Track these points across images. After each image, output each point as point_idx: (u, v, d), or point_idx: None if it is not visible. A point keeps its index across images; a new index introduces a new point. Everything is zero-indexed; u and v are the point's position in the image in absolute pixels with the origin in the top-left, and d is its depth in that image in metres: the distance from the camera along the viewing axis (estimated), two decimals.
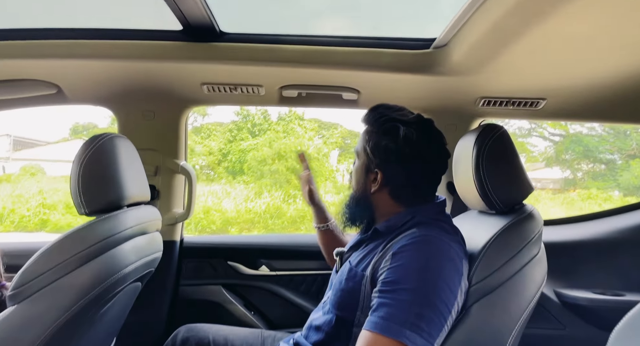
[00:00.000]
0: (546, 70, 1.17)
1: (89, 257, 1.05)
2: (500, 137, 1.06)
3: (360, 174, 1.10)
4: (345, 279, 1.03)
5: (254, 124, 13.99)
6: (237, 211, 9.37)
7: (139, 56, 1.31)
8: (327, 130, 15.95)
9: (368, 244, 1.08)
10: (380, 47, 1.27)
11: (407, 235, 0.96)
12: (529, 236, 0.99)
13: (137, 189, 1.26)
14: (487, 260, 0.96)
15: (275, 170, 10.72)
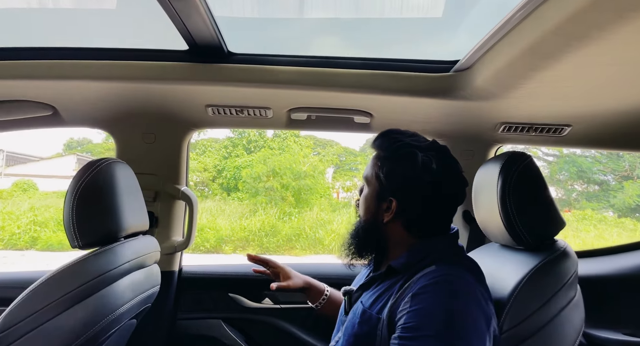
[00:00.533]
0: (574, 96, 1.11)
1: (81, 296, 0.96)
2: (529, 166, 0.98)
3: (370, 202, 1.01)
4: (358, 323, 0.94)
5: (249, 140, 14.00)
6: (232, 229, 9.24)
7: (140, 77, 1.23)
8: (323, 147, 15.99)
9: (381, 283, 0.98)
10: (396, 69, 1.21)
11: (427, 274, 0.87)
12: (565, 276, 0.91)
13: (136, 219, 1.17)
14: (520, 304, 0.87)
15: (270, 187, 10.63)
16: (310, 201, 10.66)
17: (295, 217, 9.87)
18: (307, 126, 1.50)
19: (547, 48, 0.85)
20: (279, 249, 8.90)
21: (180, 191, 1.53)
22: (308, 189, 10.73)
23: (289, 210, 10.16)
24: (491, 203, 1.01)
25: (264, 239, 9.04)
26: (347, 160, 15.46)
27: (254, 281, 1.60)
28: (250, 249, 8.79)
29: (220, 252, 8.71)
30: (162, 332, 1.53)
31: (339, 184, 12.10)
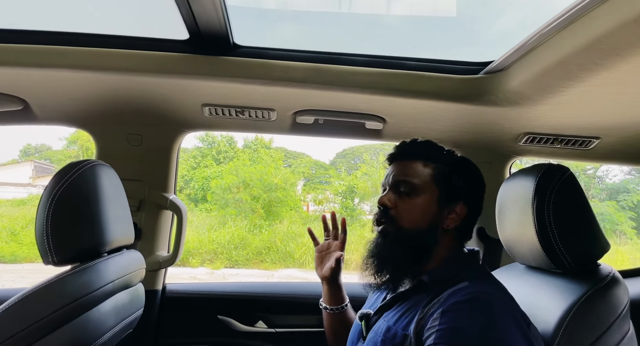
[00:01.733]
0: (607, 107, 1.05)
1: (57, 323, 0.80)
2: (570, 180, 0.90)
3: (429, 209, 0.92)
4: (381, 341, 0.83)
5: (219, 151, 13.69)
6: (199, 241, 8.90)
7: (128, 69, 1.08)
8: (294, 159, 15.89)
9: (406, 301, 0.88)
10: (417, 69, 1.11)
11: (460, 290, 0.78)
12: (618, 307, 0.81)
13: (121, 231, 1.01)
14: (570, 340, 0.77)
15: (240, 199, 10.37)
16: (280, 213, 10.47)
17: (265, 230, 9.64)
18: (313, 131, 1.38)
19: (587, 58, 0.79)
20: (249, 263, 8.64)
21: (169, 200, 1.36)
22: (279, 201, 10.55)
23: (259, 222, 9.92)
24: (523, 221, 0.92)
25: (233, 252, 8.75)
26: (318, 173, 15.41)
27: (246, 302, 1.45)
28: (219, 263, 8.48)
29: (187, 265, 8.36)
30: None
31: (310, 197, 11.96)
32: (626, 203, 10.66)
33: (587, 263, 0.88)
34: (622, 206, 10.60)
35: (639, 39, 0.70)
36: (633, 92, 0.93)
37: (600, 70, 0.82)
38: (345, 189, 11.29)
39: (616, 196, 11.16)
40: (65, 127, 1.38)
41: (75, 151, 10.52)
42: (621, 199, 10.85)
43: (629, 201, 10.68)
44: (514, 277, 1.03)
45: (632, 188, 11.64)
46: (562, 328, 0.78)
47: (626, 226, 10.15)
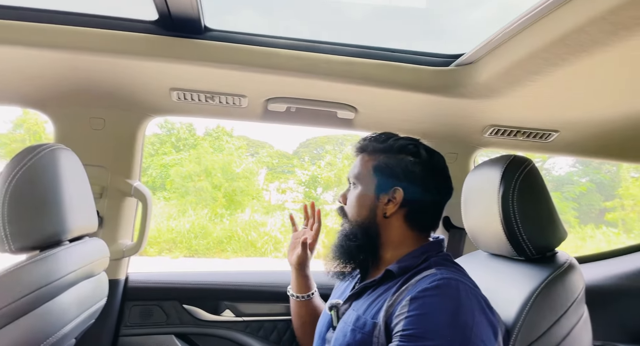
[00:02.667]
0: (567, 102, 1.10)
1: (15, 314, 0.76)
2: (533, 171, 0.94)
3: (367, 199, 0.96)
4: (351, 331, 0.84)
5: (178, 138, 13.27)
6: (158, 230, 8.66)
7: (90, 48, 1.02)
8: (255, 148, 15.68)
9: (375, 289, 0.90)
10: (389, 60, 1.12)
11: (427, 277, 0.80)
12: (575, 292, 0.87)
13: (83, 218, 0.97)
14: (531, 323, 0.81)
15: (202, 187, 10.15)
16: (242, 202, 10.35)
17: (227, 219, 9.51)
18: (285, 119, 1.36)
19: (554, 53, 0.83)
20: (209, 252, 8.51)
21: (133, 187, 1.31)
22: (241, 191, 10.42)
23: (220, 212, 9.77)
24: (488, 210, 0.96)
25: (193, 241, 8.58)
26: (280, 162, 15.31)
27: (212, 291, 1.43)
28: (178, 252, 8.30)
29: (144, 254, 8.12)
30: None
31: (273, 186, 11.89)
32: (569, 194, 11.30)
33: (546, 250, 0.93)
34: (565, 196, 11.24)
35: (603, 36, 0.73)
36: (592, 88, 0.98)
37: (566, 65, 0.86)
38: (309, 179, 11.31)
39: (561, 188, 11.83)
40: (14, 109, 1.29)
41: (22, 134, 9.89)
42: (565, 191, 11.50)
43: (572, 192, 11.34)
44: (478, 264, 1.07)
45: (575, 179, 12.37)
46: (524, 313, 0.82)
47: (569, 216, 10.78)
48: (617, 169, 12.03)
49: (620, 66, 0.85)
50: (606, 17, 0.68)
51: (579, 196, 11.42)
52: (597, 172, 12.43)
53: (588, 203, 11.80)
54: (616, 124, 1.22)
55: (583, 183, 12.06)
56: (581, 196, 11.48)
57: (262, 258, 8.41)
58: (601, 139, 1.36)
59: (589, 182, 12.09)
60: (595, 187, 11.93)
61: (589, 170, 12.64)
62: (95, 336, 1.27)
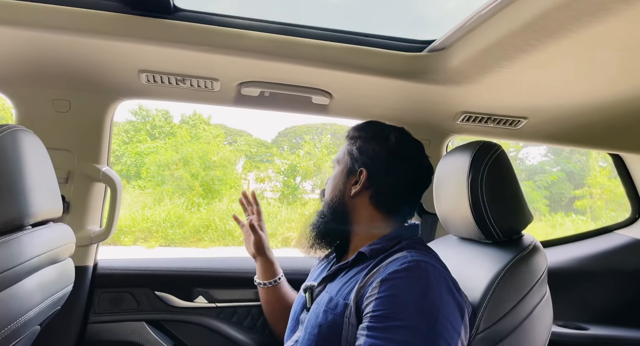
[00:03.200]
0: (535, 88, 1.12)
1: None
2: (501, 157, 0.96)
3: (339, 180, 1.02)
4: (323, 312, 0.85)
5: (153, 125, 12.97)
6: (132, 219, 8.49)
7: (53, 26, 0.97)
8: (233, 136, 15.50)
9: (348, 271, 0.91)
10: (364, 44, 1.11)
11: (398, 259, 0.82)
12: (538, 272, 0.90)
13: (47, 202, 0.94)
14: (496, 303, 0.83)
15: (179, 176, 9.99)
16: (220, 191, 10.25)
17: (204, 208, 9.40)
18: (259, 104, 1.34)
19: (522, 39, 0.84)
20: (186, 241, 8.41)
21: (101, 172, 1.28)
22: (218, 180, 10.31)
23: (197, 201, 9.65)
24: (458, 195, 0.97)
25: (169, 230, 8.46)
26: (259, 151, 15.19)
27: (184, 278, 1.41)
28: (153, 241, 8.18)
29: (119, 244, 7.98)
30: (70, 339, 1.28)
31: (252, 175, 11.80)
32: (541, 183, 11.63)
33: (513, 233, 0.96)
34: (538, 185, 11.57)
35: (570, 22, 0.74)
36: (559, 75, 1.00)
37: (534, 51, 0.87)
38: (288, 168, 11.27)
39: (533, 177, 12.16)
40: None
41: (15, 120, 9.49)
42: (537, 180, 11.83)
43: (543, 181, 11.68)
44: (448, 248, 1.09)
45: (547, 169, 12.73)
46: (490, 292, 0.84)
47: (541, 204, 11.12)
48: (586, 159, 12.43)
49: (585, 53, 0.87)
50: (570, 4, 0.69)
51: (550, 184, 11.76)
52: (567, 161, 12.81)
53: (559, 191, 12.17)
54: (582, 111, 1.25)
55: (554, 172, 12.42)
56: (552, 184, 11.83)
57: (240, 247, 8.37)
58: (568, 126, 1.39)
59: (559, 171, 12.45)
60: (565, 176, 12.31)
61: (560, 159, 13.02)
62: (62, 324, 1.24)
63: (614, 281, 1.65)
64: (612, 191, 10.05)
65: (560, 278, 1.58)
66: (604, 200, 10.38)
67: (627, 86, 1.04)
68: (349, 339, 0.79)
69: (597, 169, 11.27)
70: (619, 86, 1.05)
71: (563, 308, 1.49)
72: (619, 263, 1.67)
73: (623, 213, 1.77)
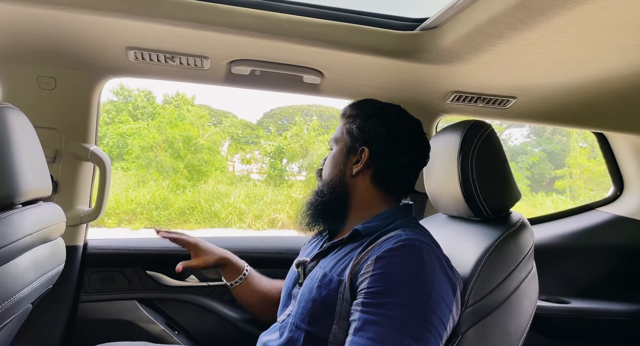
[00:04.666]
0: (524, 68, 1.13)
1: None
2: (491, 136, 0.98)
3: (339, 158, 0.99)
4: (317, 287, 0.86)
5: (135, 106, 12.71)
6: (116, 201, 8.42)
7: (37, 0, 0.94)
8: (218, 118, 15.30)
9: (342, 248, 0.93)
10: (355, 22, 1.10)
11: (393, 237, 0.83)
12: (525, 248, 0.92)
13: (36, 181, 0.92)
14: (484, 278, 0.86)
15: (162, 158, 9.88)
16: (206, 173, 10.18)
17: (189, 190, 9.35)
18: (249, 83, 1.33)
19: (515, 17, 0.84)
20: (171, 223, 8.39)
21: (90, 151, 1.26)
22: (204, 161, 10.22)
23: (182, 183, 9.58)
24: (448, 174, 0.99)
25: (154, 212, 8.42)
26: (245, 133, 15.05)
27: (176, 257, 1.41)
28: (138, 223, 8.13)
29: (102, 225, 7.92)
30: (61, 318, 1.28)
31: (237, 157, 11.73)
32: (523, 164, 11.86)
33: (501, 211, 0.98)
34: (520, 166, 11.79)
35: (556, 4, 0.75)
36: (549, 53, 1.01)
37: (526, 29, 0.87)
38: (274, 150, 11.23)
39: (516, 158, 12.38)
40: None
41: None
42: (519, 161, 12.06)
43: (525, 162, 11.91)
44: (438, 226, 1.12)
45: (529, 150, 12.97)
46: (479, 268, 0.86)
47: (522, 184, 11.36)
48: (567, 139, 12.68)
49: (575, 31, 0.87)
50: None
51: (532, 165, 12.00)
52: (548, 142, 13.06)
53: (540, 172, 12.43)
54: (569, 89, 1.27)
55: (536, 152, 12.65)
56: (534, 165, 12.07)
57: (226, 228, 8.40)
58: (556, 105, 1.41)
59: (541, 151, 12.69)
60: (546, 156, 12.57)
61: (541, 140, 13.26)
62: (53, 303, 1.24)
63: (596, 256, 1.71)
64: (590, 170, 10.31)
65: (544, 254, 1.63)
66: (583, 180, 10.66)
67: (614, 64, 1.06)
68: (342, 314, 0.81)
69: (577, 150, 11.52)
70: (606, 64, 1.07)
71: (546, 283, 1.54)
72: (600, 239, 1.73)
73: (601, 192, 1.83)
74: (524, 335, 0.91)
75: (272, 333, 0.98)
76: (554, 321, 1.51)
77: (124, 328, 1.33)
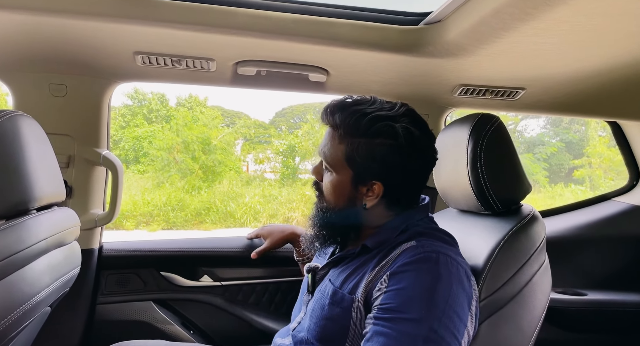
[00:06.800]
0: (532, 58, 1.11)
1: None
2: (499, 128, 0.96)
3: (344, 189, 0.88)
4: (329, 305, 0.85)
5: (150, 109, 12.88)
6: (133, 203, 8.54)
7: (46, 9, 0.95)
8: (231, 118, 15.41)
9: (352, 261, 0.90)
10: (359, 19, 1.10)
11: (407, 251, 0.80)
12: (537, 241, 0.91)
13: (50, 187, 0.95)
14: (496, 271, 0.85)
15: (179, 159, 10.00)
16: (220, 174, 10.28)
17: (204, 191, 9.45)
18: (255, 84, 1.34)
19: (519, 8, 0.83)
20: (187, 224, 8.48)
21: (102, 156, 1.28)
22: (218, 162, 10.32)
23: (197, 184, 9.68)
24: (457, 168, 0.98)
25: (171, 213, 8.52)
26: (257, 132, 15.13)
27: (189, 258, 1.43)
28: (155, 225, 8.24)
29: (121, 228, 8.05)
30: (79, 319, 1.31)
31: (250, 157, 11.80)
32: (541, 155, 11.65)
33: (512, 204, 0.97)
34: (537, 157, 11.59)
35: None
36: (556, 43, 0.99)
37: (530, 20, 0.86)
38: (286, 149, 11.26)
39: (533, 149, 12.17)
40: None
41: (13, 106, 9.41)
42: (537, 152, 11.84)
43: (543, 153, 11.69)
44: (448, 221, 1.11)
45: (546, 140, 12.72)
46: (490, 262, 0.85)
47: (540, 176, 11.17)
48: (585, 129, 12.41)
49: (581, 20, 0.86)
50: None
51: (550, 156, 11.77)
52: (566, 131, 12.79)
53: (558, 162, 12.20)
54: (579, 78, 1.24)
55: (553, 143, 12.42)
56: (551, 156, 11.84)
57: (242, 228, 8.46)
58: (566, 94, 1.39)
59: (559, 142, 12.45)
60: (564, 146, 12.32)
61: (559, 130, 13.00)
62: (71, 305, 1.27)
63: (612, 247, 1.67)
64: (610, 159, 10.07)
65: (560, 247, 1.61)
66: (603, 169, 10.42)
67: (623, 51, 1.04)
68: (356, 333, 0.80)
69: (596, 139, 11.26)
70: (615, 52, 1.04)
71: (562, 276, 1.52)
72: (616, 229, 1.69)
73: (621, 182, 1.78)
74: (537, 328, 0.90)
75: (285, 337, 0.98)
76: (571, 314, 1.49)
77: (140, 328, 1.36)
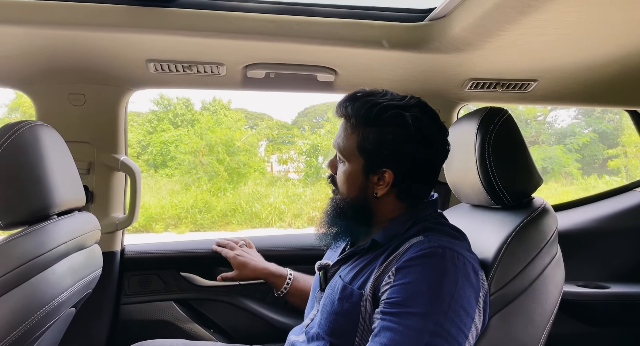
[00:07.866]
0: (542, 50, 1.09)
1: (9, 285, 0.79)
2: (508, 121, 0.95)
3: (356, 178, 0.90)
4: (339, 300, 0.86)
5: (175, 114, 13.18)
6: (162, 207, 8.78)
7: (64, 23, 1.00)
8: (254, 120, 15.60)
9: (362, 257, 0.91)
10: (364, 18, 1.10)
11: (414, 245, 0.80)
12: (548, 234, 0.89)
13: (69, 193, 0.99)
14: (506, 265, 0.84)
15: (207, 162, 10.21)
16: (245, 175, 10.43)
17: (230, 192, 9.60)
18: (265, 86, 1.36)
19: (521, 1, 0.81)
20: (214, 226, 8.65)
21: (120, 161, 1.33)
22: (243, 163, 10.47)
23: (223, 185, 9.85)
24: (467, 163, 0.97)
25: (198, 216, 8.71)
26: (280, 133, 15.25)
27: (208, 258, 1.47)
28: (184, 227, 8.44)
29: (151, 231, 8.29)
30: (104, 320, 1.37)
31: (274, 157, 11.91)
32: (572, 146, 11.28)
33: (522, 197, 0.96)
34: (568, 148, 11.23)
35: None
36: (564, 33, 0.97)
37: (534, 12, 0.85)
38: (309, 148, 11.31)
39: (564, 140, 11.79)
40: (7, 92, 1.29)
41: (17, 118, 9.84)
42: (568, 143, 11.48)
43: (574, 144, 11.32)
44: (460, 216, 1.10)
45: (578, 131, 12.31)
46: (500, 255, 0.85)
47: (572, 168, 10.81)
48: (619, 117, 11.93)
49: (586, 9, 0.84)
50: None
51: (582, 147, 11.39)
52: (599, 121, 12.33)
53: (591, 153, 11.79)
54: (592, 67, 1.21)
55: (586, 133, 12.00)
56: (584, 147, 11.45)
57: (267, 228, 8.56)
58: (580, 84, 1.35)
59: (591, 132, 12.02)
60: (597, 137, 11.88)
61: (591, 120, 12.54)
62: (97, 306, 1.33)
63: (635, 239, 1.61)
64: None
65: (581, 239, 1.56)
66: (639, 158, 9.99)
67: (635, 38, 1.00)
68: (366, 327, 0.81)
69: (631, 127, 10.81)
70: (625, 39, 1.02)
71: (584, 268, 1.47)
72: (639, 220, 1.63)
73: None
74: (550, 321, 0.88)
75: (299, 334, 0.99)
76: (593, 307, 1.44)
77: (163, 327, 1.40)
